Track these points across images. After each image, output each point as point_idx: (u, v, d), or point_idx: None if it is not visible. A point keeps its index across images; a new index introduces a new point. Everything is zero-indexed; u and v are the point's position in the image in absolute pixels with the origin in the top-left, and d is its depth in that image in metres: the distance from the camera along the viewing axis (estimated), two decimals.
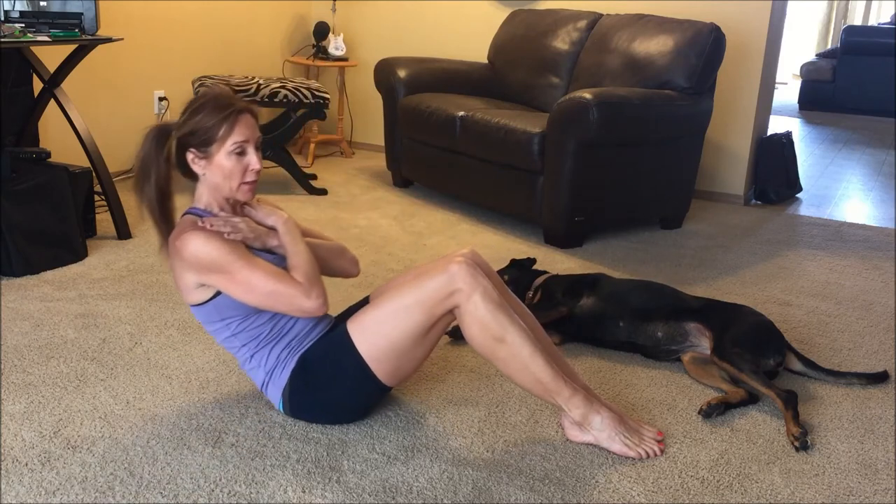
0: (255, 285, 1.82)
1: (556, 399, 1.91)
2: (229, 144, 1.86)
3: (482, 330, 1.85)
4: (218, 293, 1.88)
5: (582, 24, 4.27)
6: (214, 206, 1.93)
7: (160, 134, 1.89)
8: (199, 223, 1.86)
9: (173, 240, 1.88)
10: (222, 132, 1.85)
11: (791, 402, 2.10)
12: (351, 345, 1.90)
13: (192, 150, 1.87)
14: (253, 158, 1.89)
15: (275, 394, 1.99)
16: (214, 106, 1.87)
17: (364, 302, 2.09)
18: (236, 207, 1.96)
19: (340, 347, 1.92)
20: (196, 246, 1.82)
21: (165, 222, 1.93)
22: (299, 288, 1.84)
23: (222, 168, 1.87)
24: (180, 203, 1.96)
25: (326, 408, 1.99)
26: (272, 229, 1.94)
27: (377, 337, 1.88)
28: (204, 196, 1.94)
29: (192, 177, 1.93)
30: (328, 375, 1.93)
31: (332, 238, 2.17)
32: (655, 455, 1.94)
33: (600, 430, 1.93)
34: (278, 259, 1.92)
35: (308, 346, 1.96)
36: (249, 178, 1.90)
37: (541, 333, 2.08)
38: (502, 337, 1.85)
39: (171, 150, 1.88)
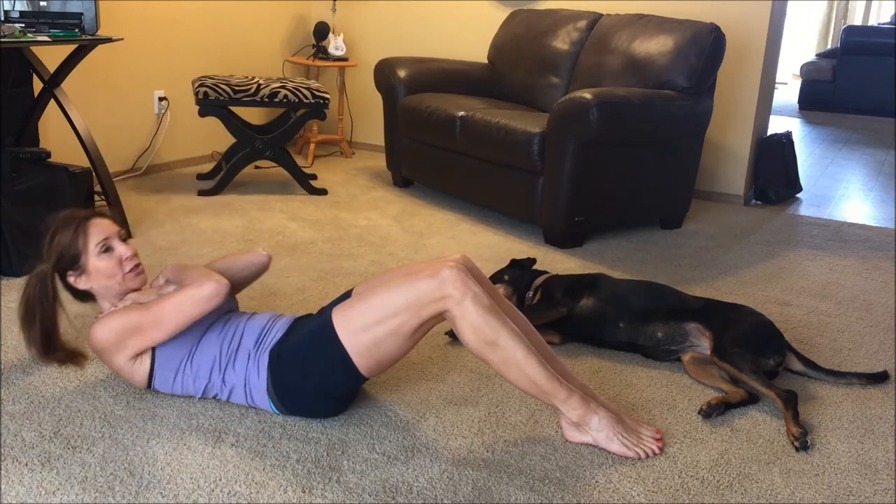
0: (159, 315, 1.93)
1: (553, 401, 1.92)
2: (93, 248, 1.99)
3: (475, 334, 1.86)
4: (154, 355, 1.99)
5: (582, 24, 4.27)
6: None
7: (40, 277, 1.99)
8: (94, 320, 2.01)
9: (91, 347, 2.00)
10: (80, 243, 1.98)
11: (791, 402, 2.10)
12: (334, 335, 1.91)
13: (70, 272, 2.01)
14: (122, 249, 2.03)
15: (261, 398, 2.00)
16: (62, 225, 2.01)
17: (346, 295, 2.10)
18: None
19: (323, 337, 1.93)
20: (99, 333, 1.95)
21: (57, 355, 2.06)
22: (190, 287, 1.94)
23: (100, 271, 2.00)
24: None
25: (309, 395, 1.99)
26: (166, 283, 2.09)
27: (362, 332, 1.89)
28: (105, 304, 2.07)
29: (89, 297, 2.06)
30: (309, 363, 1.95)
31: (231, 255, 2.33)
32: (654, 454, 1.94)
33: (598, 431, 1.93)
34: None
35: (274, 341, 2.00)
36: (129, 266, 2.03)
37: (535, 336, 2.08)
38: (495, 341, 1.85)
39: (52, 287, 1.99)
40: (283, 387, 1.97)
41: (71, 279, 2.02)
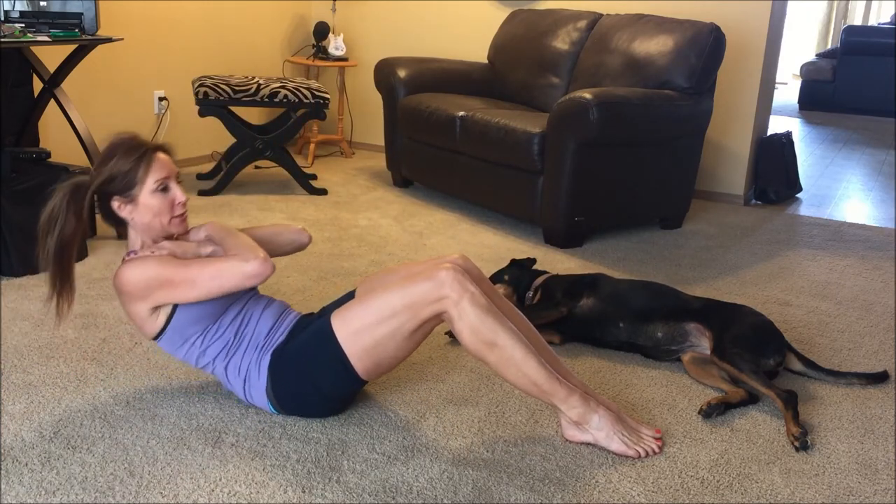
0: (196, 277, 1.87)
1: (553, 400, 1.91)
2: (151, 183, 1.92)
3: (473, 335, 1.85)
4: (171, 316, 1.94)
5: (582, 24, 4.27)
6: (149, 245, 1.99)
7: (74, 190, 1.91)
8: (126, 258, 1.95)
9: (113, 283, 1.94)
10: (140, 173, 1.91)
11: (791, 402, 2.10)
12: (333, 338, 1.91)
13: (116, 197, 1.93)
14: (177, 192, 1.96)
15: (259, 398, 2.00)
16: (126, 150, 1.92)
17: (349, 296, 2.10)
18: (170, 239, 2.02)
19: (322, 340, 1.93)
20: (128, 275, 1.89)
21: (61, 277, 1.93)
22: (235, 258, 1.89)
23: (150, 207, 1.93)
24: None
25: (308, 399, 1.99)
26: (206, 241, 2.03)
27: (360, 335, 1.89)
28: (137, 239, 2.00)
29: (120, 223, 1.98)
30: (308, 365, 1.95)
31: (274, 224, 2.26)
32: (654, 453, 1.94)
33: (598, 429, 1.93)
34: None
35: (279, 341, 2.00)
36: (178, 211, 1.97)
37: (534, 336, 2.08)
38: (493, 341, 1.85)
39: (85, 205, 1.91)
40: (282, 388, 1.97)
41: (115, 204, 1.93)
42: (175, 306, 1.93)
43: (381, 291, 1.91)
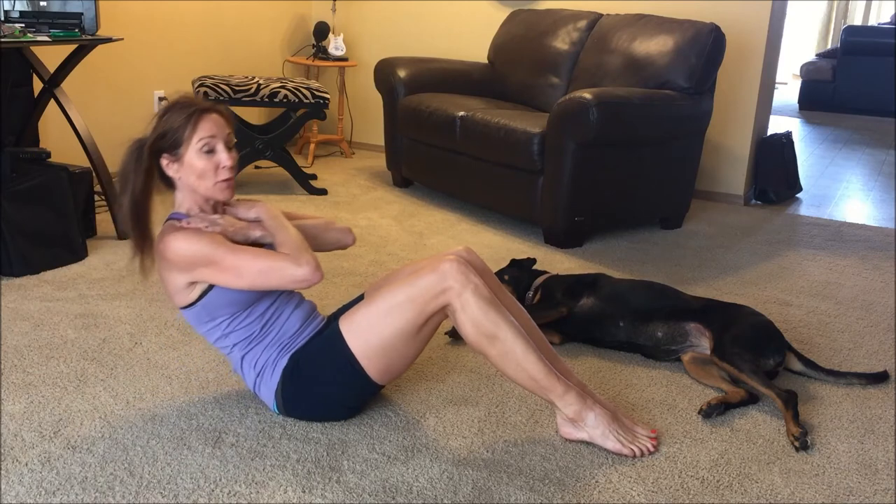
0: (244, 267, 1.84)
1: (550, 396, 1.92)
2: (196, 142, 1.88)
3: (474, 328, 1.86)
4: (205, 293, 1.90)
5: (582, 24, 4.27)
6: (195, 210, 1.95)
7: (137, 147, 1.90)
8: (178, 224, 1.90)
9: (157, 245, 1.90)
10: (188, 131, 1.87)
11: (791, 402, 2.10)
12: (343, 342, 1.91)
13: (165, 154, 1.90)
14: (223, 156, 1.92)
15: (267, 395, 2.00)
16: (179, 108, 1.90)
17: (359, 299, 2.10)
18: (217, 208, 1.99)
19: (332, 345, 1.93)
20: (177, 244, 1.84)
21: (140, 234, 1.92)
22: (287, 259, 1.85)
23: (194, 168, 1.89)
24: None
25: (318, 405, 1.99)
26: (255, 222, 1.98)
27: (368, 335, 1.89)
28: (184, 201, 1.96)
29: (169, 183, 1.95)
30: (319, 372, 1.95)
31: (320, 217, 2.21)
32: (649, 452, 1.94)
33: (594, 427, 1.93)
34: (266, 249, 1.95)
35: (300, 344, 1.98)
36: (223, 175, 1.93)
37: (535, 332, 2.08)
38: (494, 334, 1.86)
39: (146, 159, 1.88)
40: (291, 393, 1.97)
41: (163, 162, 1.91)
42: (212, 285, 1.90)
43: (385, 290, 1.91)
